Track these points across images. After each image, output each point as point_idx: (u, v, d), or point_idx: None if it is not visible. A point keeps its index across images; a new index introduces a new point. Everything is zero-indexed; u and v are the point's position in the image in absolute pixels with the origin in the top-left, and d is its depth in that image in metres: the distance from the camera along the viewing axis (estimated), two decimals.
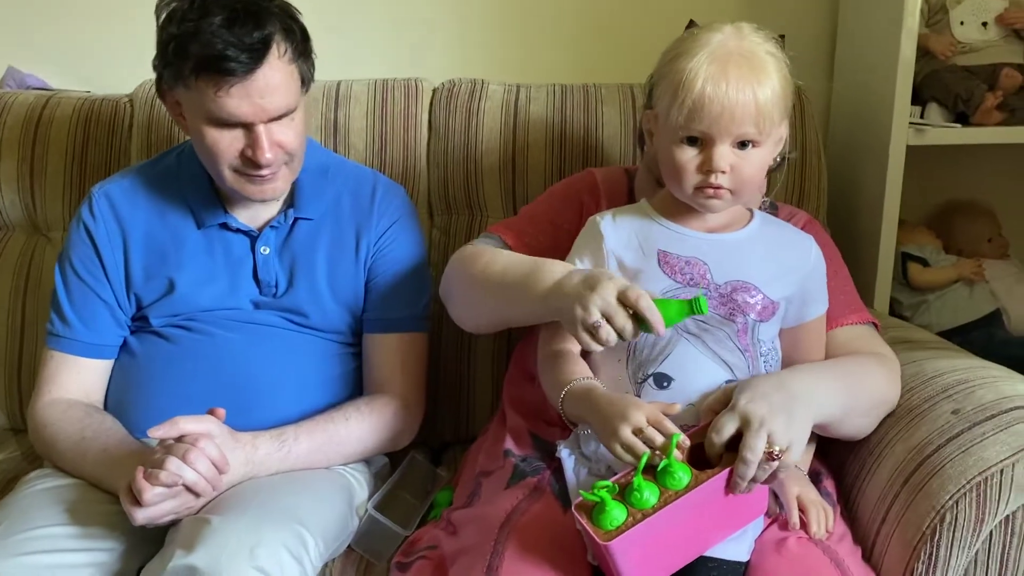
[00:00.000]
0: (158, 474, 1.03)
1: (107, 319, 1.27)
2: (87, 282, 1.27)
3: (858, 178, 1.78)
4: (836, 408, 1.06)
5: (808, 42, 1.89)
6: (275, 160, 1.19)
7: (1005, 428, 1.03)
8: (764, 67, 0.98)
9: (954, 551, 1.00)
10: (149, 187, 1.32)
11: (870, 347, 1.17)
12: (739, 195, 1.03)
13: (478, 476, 1.20)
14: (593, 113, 1.61)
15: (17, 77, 1.86)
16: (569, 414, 1.05)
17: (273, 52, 1.13)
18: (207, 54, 1.09)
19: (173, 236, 1.29)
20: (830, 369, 1.10)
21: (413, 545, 1.14)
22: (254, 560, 0.96)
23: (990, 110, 1.70)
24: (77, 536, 1.08)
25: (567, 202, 1.27)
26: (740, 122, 0.97)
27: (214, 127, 1.16)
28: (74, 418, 1.21)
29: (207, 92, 1.12)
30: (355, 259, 1.32)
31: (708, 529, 0.96)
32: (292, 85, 1.17)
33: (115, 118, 1.64)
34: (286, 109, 1.17)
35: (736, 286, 1.04)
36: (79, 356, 1.27)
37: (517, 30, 1.88)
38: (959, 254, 1.91)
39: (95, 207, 1.30)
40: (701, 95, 0.97)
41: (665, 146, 1.03)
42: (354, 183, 1.37)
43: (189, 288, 1.27)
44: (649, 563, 0.93)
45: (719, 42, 0.99)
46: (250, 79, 1.12)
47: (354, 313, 1.33)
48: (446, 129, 1.62)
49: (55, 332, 1.28)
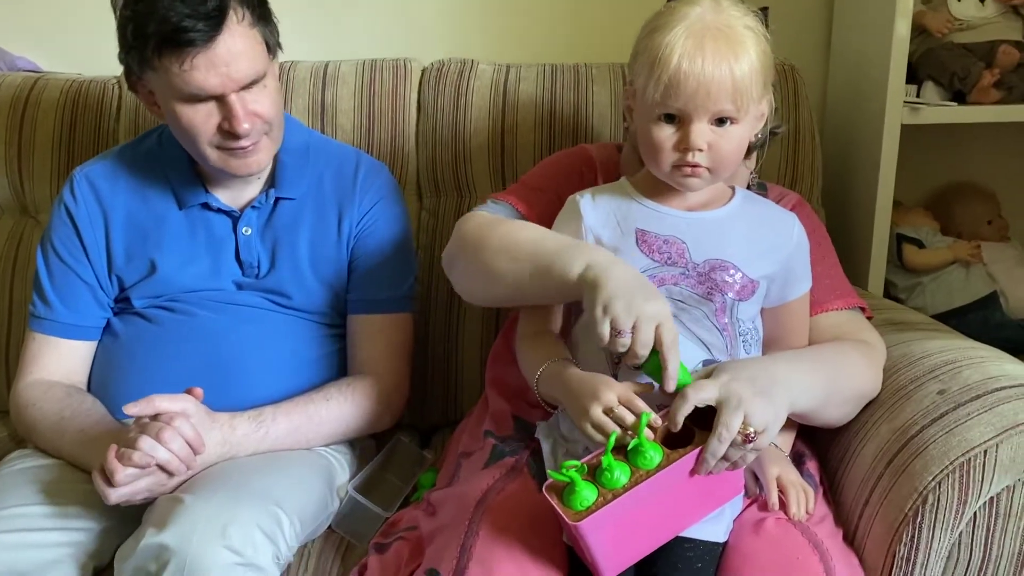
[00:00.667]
0: (131, 454, 1.03)
1: (89, 301, 1.27)
2: (69, 264, 1.27)
3: (853, 158, 1.76)
4: (814, 397, 1.04)
5: (803, 20, 1.86)
6: (253, 129, 1.18)
7: (990, 409, 1.01)
8: (742, 41, 0.96)
9: (937, 533, 0.99)
10: (130, 168, 1.31)
11: (855, 333, 1.16)
12: (718, 173, 1.01)
13: (459, 457, 1.19)
14: (583, 93, 1.59)
15: (7, 59, 1.85)
16: (544, 395, 1.04)
17: (231, 18, 1.12)
18: (165, 29, 1.09)
19: (154, 217, 1.29)
20: (811, 358, 1.08)
21: (393, 526, 1.14)
22: (226, 539, 0.96)
23: (987, 88, 1.67)
24: (53, 515, 1.08)
25: (569, 174, 1.25)
26: (716, 98, 0.95)
27: (187, 104, 1.15)
28: (53, 398, 1.21)
29: (172, 69, 1.11)
30: (338, 239, 1.32)
31: (682, 510, 0.95)
32: (257, 50, 1.17)
33: (103, 100, 1.63)
34: (254, 75, 1.16)
35: (714, 264, 1.03)
36: (60, 338, 1.27)
37: (507, 9, 1.86)
38: (959, 236, 1.89)
39: (76, 189, 1.29)
40: (677, 71, 0.95)
41: (642, 123, 1.01)
42: (336, 162, 1.36)
43: (171, 269, 1.26)
44: (622, 544, 0.92)
45: (696, 16, 0.97)
46: (212, 47, 1.11)
47: (337, 293, 1.32)
48: (435, 109, 1.60)
49: (37, 314, 1.28)
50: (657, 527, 0.94)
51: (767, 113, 1.05)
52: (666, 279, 1.02)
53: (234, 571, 0.96)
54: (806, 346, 1.13)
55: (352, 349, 1.32)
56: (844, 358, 1.11)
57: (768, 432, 0.93)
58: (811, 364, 1.06)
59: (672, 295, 1.02)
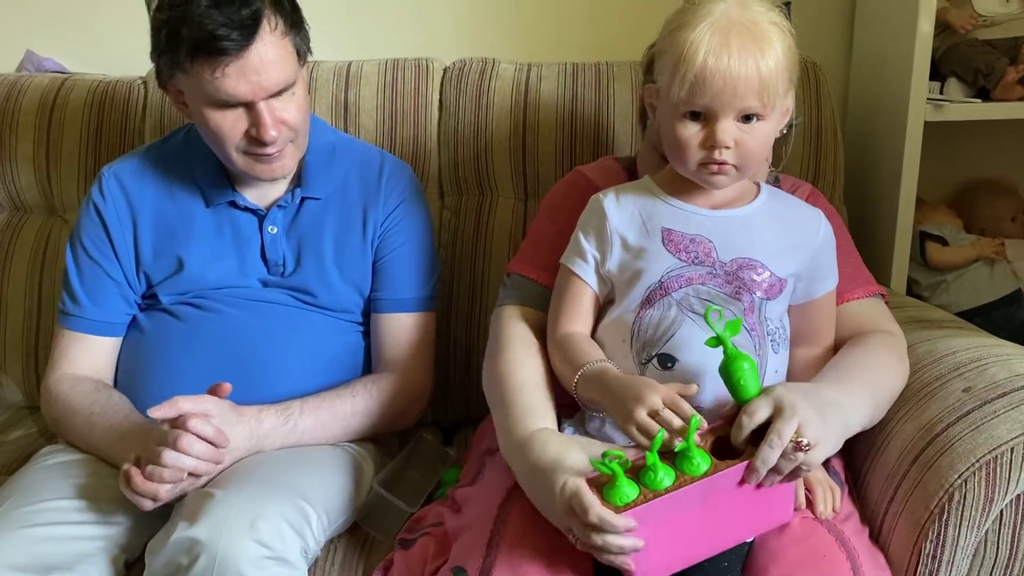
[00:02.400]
0: (161, 473, 1.04)
1: (116, 298, 1.29)
2: (97, 261, 1.29)
3: (875, 155, 1.75)
4: (864, 415, 1.03)
5: (826, 17, 1.86)
6: (280, 137, 1.19)
7: (1017, 406, 1.01)
8: (767, 37, 0.95)
9: (963, 530, 0.98)
10: (157, 166, 1.33)
11: (877, 323, 1.15)
12: (744, 170, 1.01)
13: (483, 455, 1.20)
14: (604, 91, 1.59)
15: (35, 61, 1.88)
16: (583, 397, 1.03)
17: (264, 27, 1.13)
18: (199, 36, 1.10)
19: (182, 214, 1.30)
20: (853, 377, 1.05)
21: (418, 522, 1.14)
22: (255, 533, 0.97)
23: (1011, 85, 1.66)
24: (85, 509, 1.09)
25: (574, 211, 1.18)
26: (743, 95, 0.95)
27: (216, 109, 1.16)
28: (82, 392, 1.23)
29: (204, 75, 1.12)
30: (362, 238, 1.33)
31: (726, 525, 0.92)
32: (288, 59, 1.17)
33: (129, 100, 1.65)
34: (284, 84, 1.17)
35: (742, 263, 1.02)
36: (88, 334, 1.28)
37: (528, 8, 1.86)
38: (982, 234, 1.88)
39: (104, 187, 1.31)
40: (703, 68, 0.94)
41: (667, 121, 1.00)
42: (361, 162, 1.37)
43: (198, 266, 1.28)
44: (658, 550, 0.89)
45: (721, 12, 0.96)
46: (244, 56, 1.12)
47: (361, 292, 1.33)
48: (456, 109, 1.61)
49: (66, 311, 1.29)
50: (697, 540, 0.91)
51: (792, 107, 1.05)
52: (693, 279, 1.02)
53: (263, 564, 0.98)
54: (831, 343, 1.13)
55: (377, 347, 1.33)
56: (880, 365, 1.09)
57: (820, 448, 0.90)
58: (855, 384, 1.04)
59: (700, 295, 1.01)
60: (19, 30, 1.90)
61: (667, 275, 1.02)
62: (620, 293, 1.06)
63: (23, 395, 1.61)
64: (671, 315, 1.01)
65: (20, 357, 1.60)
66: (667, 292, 1.02)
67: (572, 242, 1.10)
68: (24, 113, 1.64)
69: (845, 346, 1.12)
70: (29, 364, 1.60)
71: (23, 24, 1.90)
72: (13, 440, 1.47)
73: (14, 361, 1.60)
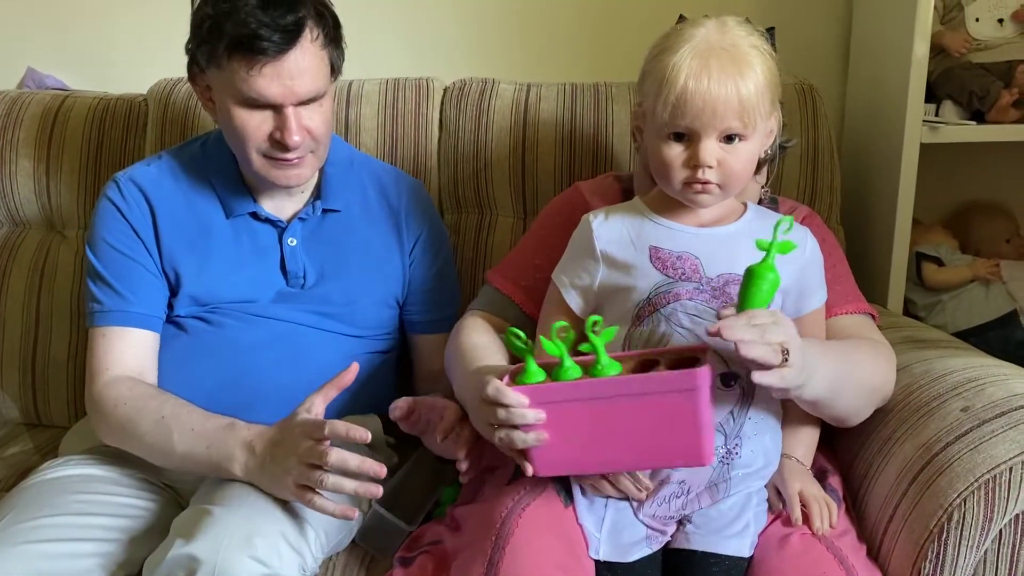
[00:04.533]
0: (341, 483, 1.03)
1: (155, 289, 1.25)
2: (128, 255, 1.25)
3: (872, 177, 1.77)
4: (828, 376, 1.02)
5: (822, 40, 1.87)
6: (302, 144, 1.20)
7: (1015, 426, 1.01)
8: (747, 60, 0.97)
9: (962, 550, 0.98)
10: (175, 174, 1.31)
11: (864, 336, 1.16)
12: (728, 189, 1.02)
13: (482, 473, 1.20)
14: (603, 112, 1.61)
15: (36, 78, 1.89)
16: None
17: (306, 35, 1.15)
18: (241, 33, 1.11)
19: (200, 224, 1.29)
20: (824, 343, 1.09)
21: (417, 540, 1.14)
22: (252, 550, 0.97)
23: (1006, 107, 1.68)
24: (83, 526, 1.09)
25: (562, 228, 1.21)
26: (723, 116, 0.97)
27: (244, 108, 1.17)
28: (145, 395, 1.18)
29: (239, 72, 1.14)
30: (391, 257, 1.35)
31: (623, 442, 0.93)
32: (322, 70, 1.19)
33: (130, 117, 1.66)
34: (315, 93, 1.18)
35: (728, 279, 1.03)
36: (131, 327, 1.23)
37: (527, 29, 1.88)
38: (977, 254, 1.89)
39: (124, 189, 1.28)
40: (683, 90, 0.96)
41: (653, 142, 1.02)
42: (378, 180, 1.39)
43: (215, 276, 1.27)
44: (556, 448, 0.94)
45: (702, 36, 0.98)
46: (282, 60, 1.13)
47: (384, 307, 1.35)
48: (456, 128, 1.62)
49: (100, 309, 1.23)
50: (595, 448, 0.94)
51: (776, 129, 1.06)
52: (681, 294, 1.03)
53: None
54: None
55: (419, 362, 1.40)
56: (856, 349, 1.11)
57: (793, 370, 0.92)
58: (824, 346, 1.07)
59: (687, 310, 1.02)
60: (20, 47, 1.91)
61: (655, 291, 1.03)
62: (610, 310, 1.06)
63: (20, 411, 1.60)
64: (660, 330, 1.02)
65: (17, 373, 1.60)
66: (656, 308, 1.03)
67: (562, 261, 1.13)
68: (25, 129, 1.65)
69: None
70: (26, 380, 1.59)
71: (24, 41, 1.91)
72: (10, 456, 1.47)
73: (11, 377, 1.60)
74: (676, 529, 1.03)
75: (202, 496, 1.09)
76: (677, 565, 1.01)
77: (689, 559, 1.00)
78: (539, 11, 1.87)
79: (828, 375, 1.02)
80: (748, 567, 1.00)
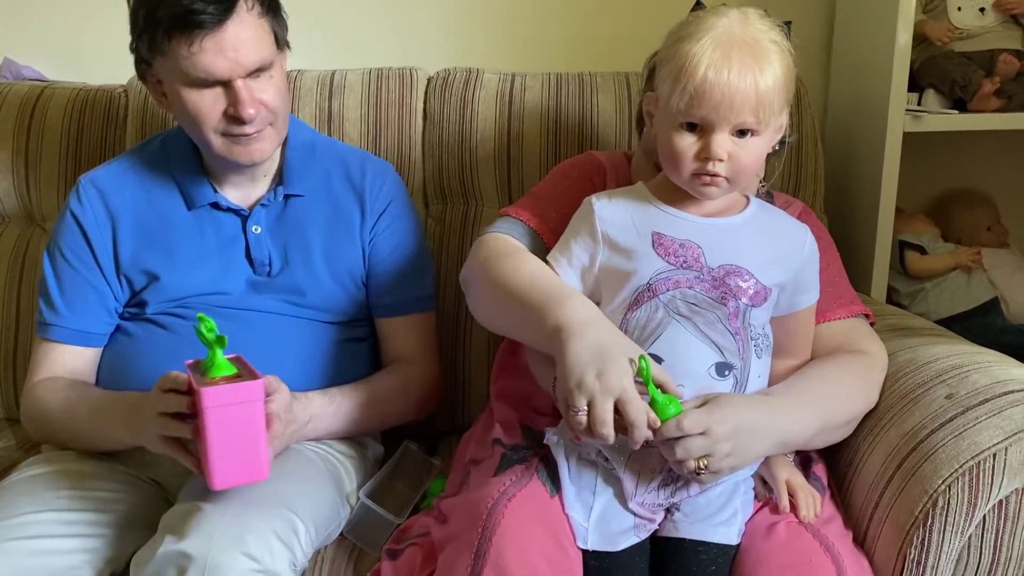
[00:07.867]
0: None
1: (97, 307, 1.28)
2: (77, 269, 1.28)
3: (855, 165, 1.78)
4: (807, 430, 1.06)
5: (806, 28, 1.88)
6: (258, 116, 1.19)
7: (998, 412, 1.02)
8: (767, 56, 0.97)
9: (947, 536, 0.99)
10: (136, 172, 1.32)
11: (857, 343, 1.17)
12: (736, 183, 1.02)
13: (468, 465, 1.20)
14: (588, 102, 1.61)
15: (14, 69, 1.86)
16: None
17: (241, 6, 1.15)
18: (175, 12, 1.12)
19: (162, 219, 1.29)
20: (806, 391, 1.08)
21: (405, 533, 1.14)
22: (243, 546, 0.96)
23: (988, 96, 1.69)
24: (69, 522, 1.08)
25: (580, 181, 1.25)
26: (740, 110, 0.96)
27: (194, 88, 1.17)
28: (57, 388, 1.24)
29: (180, 51, 1.13)
30: (352, 239, 1.33)
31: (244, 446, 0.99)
32: (265, 39, 1.19)
33: (110, 109, 1.64)
34: (261, 63, 1.18)
35: (729, 270, 1.04)
36: (67, 343, 1.27)
37: (512, 18, 1.87)
38: (958, 243, 1.91)
39: (83, 195, 1.30)
40: (703, 81, 0.96)
41: (664, 131, 1.02)
42: (342, 162, 1.37)
43: (182, 270, 1.27)
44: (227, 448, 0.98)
45: (724, 27, 0.98)
46: (220, 31, 1.13)
47: (350, 292, 1.33)
48: (441, 118, 1.61)
49: (44, 320, 1.28)
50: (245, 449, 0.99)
51: (784, 125, 1.06)
52: (681, 282, 1.03)
53: None
54: (809, 355, 1.15)
55: (386, 347, 1.38)
56: (840, 384, 1.11)
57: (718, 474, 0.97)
58: (806, 398, 1.07)
59: (687, 298, 1.02)
60: None
61: (655, 277, 1.03)
62: (608, 293, 1.07)
63: (2, 407, 1.59)
64: (658, 317, 1.02)
65: None
66: (655, 294, 1.03)
67: (560, 242, 1.12)
68: (3, 121, 1.63)
69: (815, 361, 1.14)
70: (7, 375, 1.58)
71: (2, 32, 1.88)
72: None
73: None
74: (664, 517, 1.03)
75: (191, 492, 1.08)
76: (665, 553, 1.02)
77: (677, 547, 1.00)
78: (523, 0, 1.86)
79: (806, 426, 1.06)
80: (736, 555, 1.00)
